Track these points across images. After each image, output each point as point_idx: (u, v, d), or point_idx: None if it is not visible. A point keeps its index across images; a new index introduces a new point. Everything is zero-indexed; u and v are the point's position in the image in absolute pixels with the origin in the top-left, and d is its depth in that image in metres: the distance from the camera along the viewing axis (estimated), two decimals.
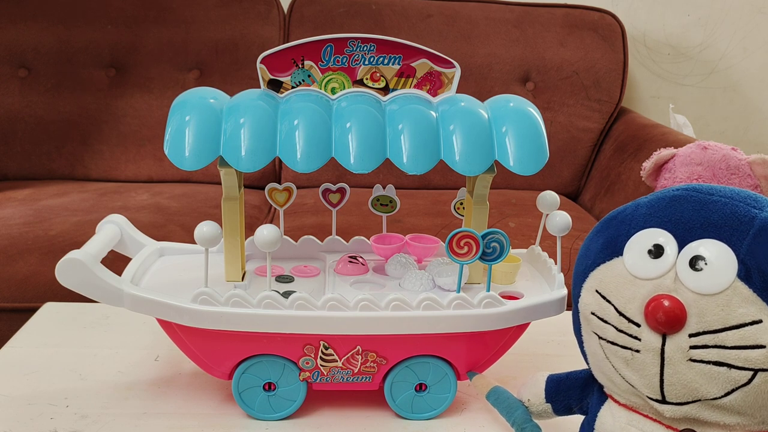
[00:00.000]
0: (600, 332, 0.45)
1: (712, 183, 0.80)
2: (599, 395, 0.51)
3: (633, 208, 0.46)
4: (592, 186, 1.51)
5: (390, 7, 1.53)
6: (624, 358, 0.44)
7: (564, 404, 0.55)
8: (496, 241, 0.57)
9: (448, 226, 1.19)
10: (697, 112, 1.77)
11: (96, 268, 0.58)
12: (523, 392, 0.57)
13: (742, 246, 0.40)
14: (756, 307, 0.39)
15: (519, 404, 0.57)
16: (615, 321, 0.44)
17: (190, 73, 1.49)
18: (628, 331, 0.43)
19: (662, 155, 0.86)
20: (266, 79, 0.59)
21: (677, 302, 0.41)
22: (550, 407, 0.55)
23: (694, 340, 0.41)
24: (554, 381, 0.55)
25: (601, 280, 0.45)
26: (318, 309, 0.58)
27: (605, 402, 0.50)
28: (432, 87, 0.61)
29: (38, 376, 0.68)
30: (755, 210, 0.41)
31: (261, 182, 1.37)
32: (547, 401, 0.55)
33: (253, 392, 0.61)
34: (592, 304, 0.46)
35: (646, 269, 0.42)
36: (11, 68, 1.45)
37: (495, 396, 0.59)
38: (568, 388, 0.54)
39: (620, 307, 0.44)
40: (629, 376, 0.45)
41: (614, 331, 0.44)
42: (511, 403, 0.57)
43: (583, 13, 1.57)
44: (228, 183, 0.61)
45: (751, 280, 0.40)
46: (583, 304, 0.47)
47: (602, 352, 0.46)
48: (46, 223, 1.13)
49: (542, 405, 0.56)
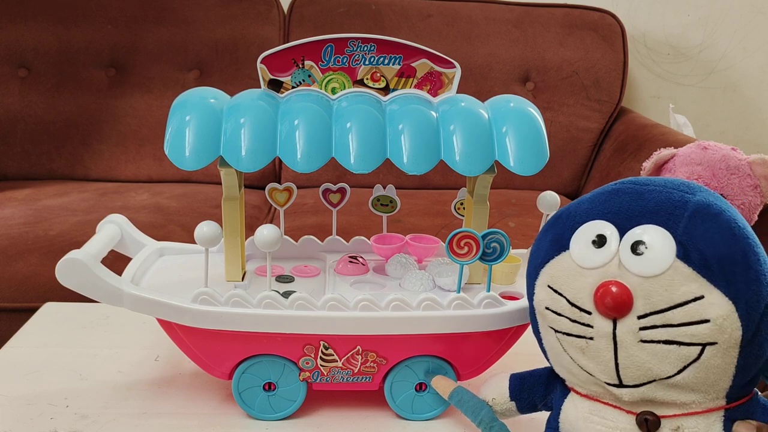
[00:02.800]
0: (555, 325, 0.47)
1: (712, 183, 0.81)
2: (562, 389, 0.52)
3: (576, 204, 0.48)
4: (592, 186, 1.51)
5: (390, 7, 1.53)
6: (580, 347, 0.46)
7: (528, 401, 0.55)
8: (496, 241, 0.57)
9: (448, 226, 1.19)
10: (697, 112, 1.77)
11: (96, 268, 0.58)
12: (485, 392, 0.57)
13: (678, 228, 0.43)
14: (697, 284, 0.42)
15: (483, 404, 0.56)
16: (568, 312, 0.46)
17: (190, 73, 1.49)
18: (581, 320, 0.45)
19: (662, 155, 0.86)
20: (266, 79, 0.59)
21: (623, 287, 0.43)
22: (515, 405, 0.56)
23: (642, 321, 0.43)
24: (518, 379, 0.56)
25: (552, 275, 0.47)
26: (318, 309, 0.58)
27: (568, 395, 0.51)
28: (432, 87, 0.61)
29: (38, 376, 0.68)
30: (688, 195, 0.44)
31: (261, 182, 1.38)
32: (511, 399, 0.56)
33: (253, 392, 0.61)
34: (546, 299, 0.48)
35: (591, 259, 0.45)
36: (11, 68, 1.45)
37: (458, 397, 0.58)
38: (531, 385, 0.55)
39: (571, 298, 0.46)
40: (586, 365, 0.46)
41: (568, 322, 0.46)
42: (475, 403, 0.56)
43: (583, 13, 1.57)
44: (228, 183, 0.61)
45: (690, 259, 0.42)
46: (537, 301, 0.49)
47: (559, 345, 0.48)
48: (46, 223, 1.13)
49: (507, 404, 0.56)
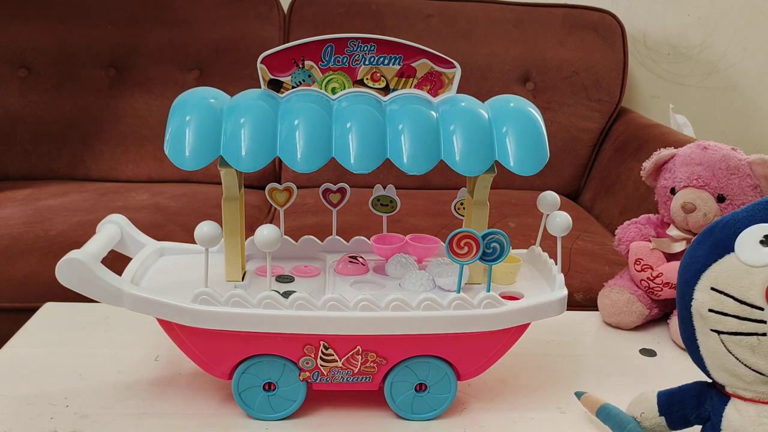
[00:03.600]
0: (720, 327, 0.49)
1: (712, 183, 0.81)
2: (719, 397, 0.52)
3: (730, 216, 0.51)
4: (592, 186, 1.51)
5: (390, 7, 1.53)
6: (750, 346, 0.48)
7: (679, 415, 0.55)
8: (496, 241, 0.57)
9: (448, 226, 1.19)
10: (697, 112, 1.77)
11: (96, 267, 0.58)
12: (633, 408, 0.58)
13: None
14: None
15: (630, 419, 0.57)
16: (736, 311, 0.47)
17: (190, 73, 1.49)
18: (752, 317, 0.47)
19: (662, 155, 0.86)
20: (266, 79, 0.59)
21: None
22: (664, 420, 0.56)
23: None
24: (666, 394, 0.56)
25: (716, 278, 0.49)
26: (318, 309, 0.58)
27: (728, 402, 0.51)
28: (432, 87, 0.61)
29: (38, 376, 0.68)
30: None
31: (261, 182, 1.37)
32: (660, 414, 0.55)
33: (253, 392, 0.61)
34: (709, 302, 0.49)
35: (761, 256, 0.47)
36: (11, 68, 1.45)
37: (605, 413, 0.59)
38: (681, 398, 0.55)
39: (740, 296, 0.47)
40: (756, 363, 0.48)
41: (736, 321, 0.47)
42: (622, 418, 0.57)
43: (583, 13, 1.57)
44: (228, 183, 0.61)
45: None
46: (698, 304, 0.50)
47: (723, 347, 0.49)
48: (46, 223, 1.13)
49: (656, 418, 0.56)
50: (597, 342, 0.83)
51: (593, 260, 1.08)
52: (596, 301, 0.87)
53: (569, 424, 0.64)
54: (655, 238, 0.85)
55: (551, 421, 0.64)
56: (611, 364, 0.77)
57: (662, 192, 0.85)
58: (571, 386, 0.68)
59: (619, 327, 0.84)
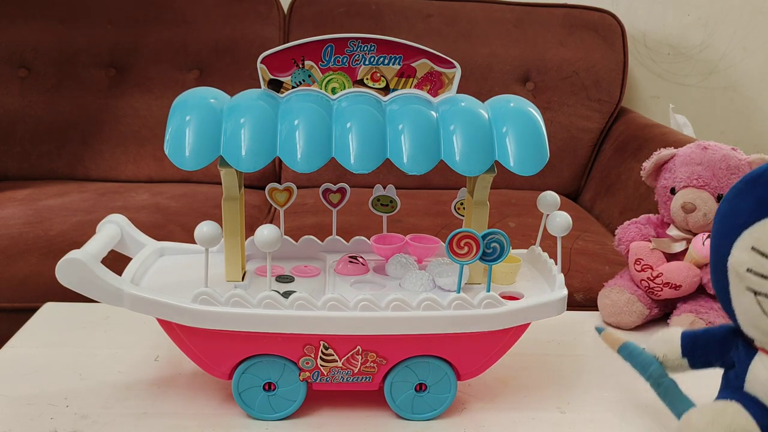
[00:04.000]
0: (758, 287, 0.47)
1: (712, 183, 0.81)
2: (746, 349, 0.52)
3: None
4: (592, 186, 1.51)
5: (390, 7, 1.53)
6: None
7: (702, 359, 0.55)
8: (496, 241, 0.57)
9: (448, 226, 1.19)
10: (697, 112, 1.77)
11: (96, 267, 0.58)
12: (655, 347, 0.57)
13: None
14: None
15: (653, 360, 0.57)
16: None
17: (190, 73, 1.49)
18: None
19: (662, 155, 0.86)
20: (266, 79, 0.59)
21: None
22: (687, 362, 0.55)
23: None
24: (690, 337, 0.56)
25: (758, 238, 0.47)
26: (318, 309, 0.58)
27: (755, 355, 0.51)
28: (432, 87, 0.61)
29: (38, 376, 0.68)
30: None
31: (261, 182, 1.37)
32: (683, 356, 0.55)
33: (253, 392, 0.61)
34: (748, 261, 0.47)
35: None
36: (11, 68, 1.45)
37: (627, 351, 0.59)
38: (706, 343, 0.55)
39: None
40: None
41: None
42: (644, 358, 0.57)
43: (583, 13, 1.57)
44: (228, 183, 0.61)
45: None
46: (736, 263, 0.48)
47: (758, 308, 0.48)
48: (46, 223, 1.13)
49: (678, 360, 0.56)
50: (597, 342, 0.82)
51: (593, 260, 1.08)
52: (596, 301, 0.87)
53: (569, 424, 0.64)
54: (655, 238, 0.85)
55: (551, 421, 0.64)
56: (611, 364, 0.76)
57: (662, 192, 0.85)
58: (572, 386, 0.68)
59: (620, 327, 0.84)
